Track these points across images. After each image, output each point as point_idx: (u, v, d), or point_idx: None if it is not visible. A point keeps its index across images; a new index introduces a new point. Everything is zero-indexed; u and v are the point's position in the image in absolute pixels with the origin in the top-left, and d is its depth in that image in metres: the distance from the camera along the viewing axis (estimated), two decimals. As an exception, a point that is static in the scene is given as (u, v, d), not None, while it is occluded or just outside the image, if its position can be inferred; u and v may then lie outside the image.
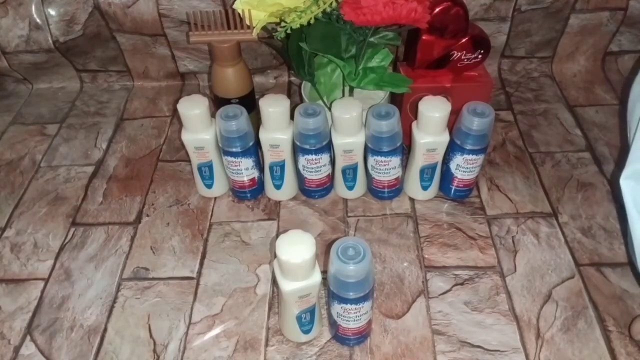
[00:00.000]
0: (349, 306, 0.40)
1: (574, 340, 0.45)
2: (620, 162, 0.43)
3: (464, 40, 0.54)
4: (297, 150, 0.54)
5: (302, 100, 0.59)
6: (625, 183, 0.43)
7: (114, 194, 0.61)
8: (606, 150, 0.64)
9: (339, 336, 0.44)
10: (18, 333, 0.47)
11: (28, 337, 0.47)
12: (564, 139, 0.66)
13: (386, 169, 0.54)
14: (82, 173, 0.64)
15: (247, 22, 0.52)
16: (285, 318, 0.43)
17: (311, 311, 0.42)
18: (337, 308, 0.41)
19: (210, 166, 0.56)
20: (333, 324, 0.44)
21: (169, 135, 0.69)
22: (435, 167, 0.55)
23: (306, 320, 0.43)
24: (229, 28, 0.54)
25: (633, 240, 0.42)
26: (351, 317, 0.41)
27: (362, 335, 0.44)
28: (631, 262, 0.50)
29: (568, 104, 0.72)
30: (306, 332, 0.44)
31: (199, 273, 0.52)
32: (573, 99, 0.73)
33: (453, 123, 0.53)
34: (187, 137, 0.54)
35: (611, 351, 0.44)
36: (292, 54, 0.51)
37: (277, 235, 0.55)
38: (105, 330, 0.47)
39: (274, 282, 0.47)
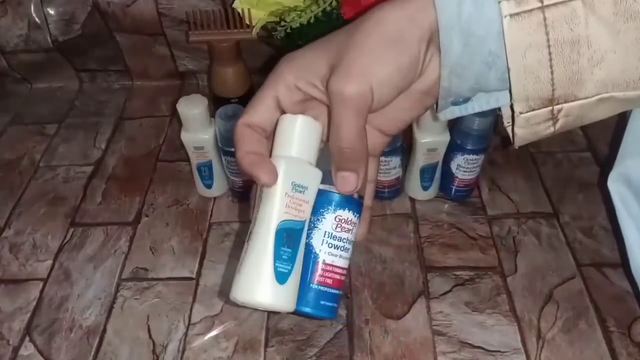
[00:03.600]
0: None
1: (574, 340, 0.45)
2: (610, 164, 0.44)
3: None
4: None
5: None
6: (613, 185, 0.43)
7: (113, 194, 0.61)
8: (608, 150, 0.63)
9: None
10: (17, 333, 0.47)
11: (27, 338, 0.47)
12: (565, 138, 0.66)
13: (386, 169, 0.54)
14: (81, 173, 0.64)
15: (247, 22, 0.52)
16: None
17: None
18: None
19: (209, 166, 0.56)
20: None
21: (168, 135, 0.69)
22: (436, 167, 0.55)
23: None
24: (228, 27, 0.54)
25: (625, 242, 0.42)
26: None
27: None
28: (623, 264, 0.50)
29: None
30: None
31: (199, 273, 0.51)
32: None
33: (454, 123, 0.52)
34: (186, 136, 0.54)
35: (612, 351, 0.44)
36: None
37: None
38: (104, 330, 0.47)
39: None
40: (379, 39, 0.25)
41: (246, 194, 0.58)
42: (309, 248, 0.29)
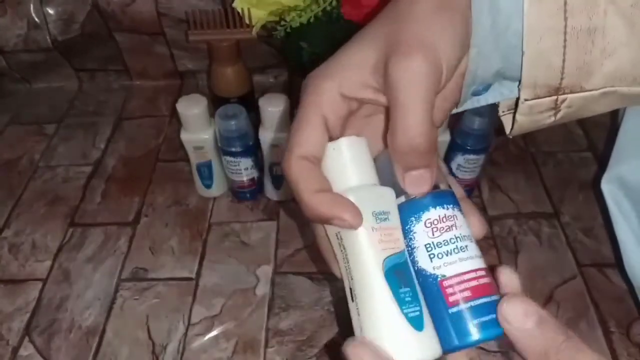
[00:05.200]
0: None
1: (575, 341, 0.45)
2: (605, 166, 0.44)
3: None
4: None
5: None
6: (606, 187, 0.43)
7: (112, 194, 0.61)
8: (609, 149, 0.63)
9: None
10: (16, 334, 0.47)
11: (26, 338, 0.47)
12: (566, 138, 0.65)
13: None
14: (81, 173, 0.63)
15: (247, 21, 0.52)
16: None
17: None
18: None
19: (209, 166, 0.56)
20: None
21: (167, 135, 0.69)
22: (436, 167, 0.54)
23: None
24: (228, 27, 0.54)
25: (619, 243, 0.43)
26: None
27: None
28: (618, 264, 0.50)
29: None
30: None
31: (198, 274, 0.51)
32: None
33: (454, 123, 0.52)
34: (186, 136, 0.53)
35: (613, 352, 0.44)
36: (291, 53, 0.51)
37: (276, 237, 0.55)
38: (103, 331, 0.47)
39: None
40: (428, 7, 0.22)
41: (245, 194, 0.58)
42: (422, 275, 0.23)
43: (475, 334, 0.22)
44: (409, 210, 0.24)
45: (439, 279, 0.23)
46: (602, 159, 0.62)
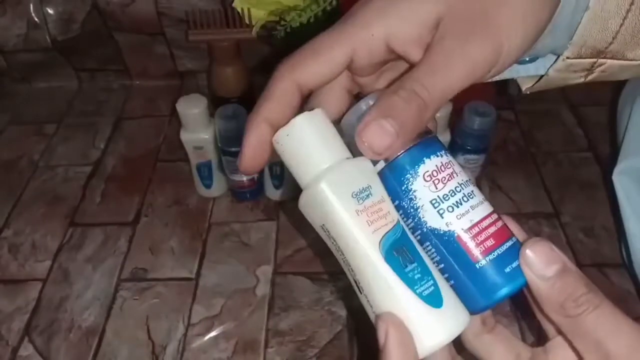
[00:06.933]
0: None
1: (576, 341, 0.45)
2: (612, 161, 0.44)
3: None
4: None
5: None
6: (618, 179, 0.43)
7: (112, 194, 0.60)
8: (608, 149, 0.63)
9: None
10: (16, 334, 0.47)
11: (26, 338, 0.47)
12: (566, 138, 0.65)
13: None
14: (81, 173, 0.63)
15: (247, 21, 0.52)
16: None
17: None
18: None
19: (209, 166, 0.56)
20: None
21: (167, 135, 0.69)
22: (436, 167, 0.54)
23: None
24: (228, 27, 0.54)
25: (627, 235, 0.42)
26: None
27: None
28: (623, 260, 0.49)
29: (570, 103, 0.71)
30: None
31: (198, 274, 0.51)
32: (575, 98, 0.72)
33: (454, 123, 0.52)
34: (186, 136, 0.53)
35: (613, 353, 0.44)
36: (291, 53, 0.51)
37: (276, 237, 0.55)
38: (103, 331, 0.47)
39: None
40: None
41: (245, 194, 0.58)
42: (435, 234, 0.21)
43: (507, 286, 0.21)
44: (400, 168, 0.21)
45: (455, 234, 0.21)
46: (602, 159, 0.62)
